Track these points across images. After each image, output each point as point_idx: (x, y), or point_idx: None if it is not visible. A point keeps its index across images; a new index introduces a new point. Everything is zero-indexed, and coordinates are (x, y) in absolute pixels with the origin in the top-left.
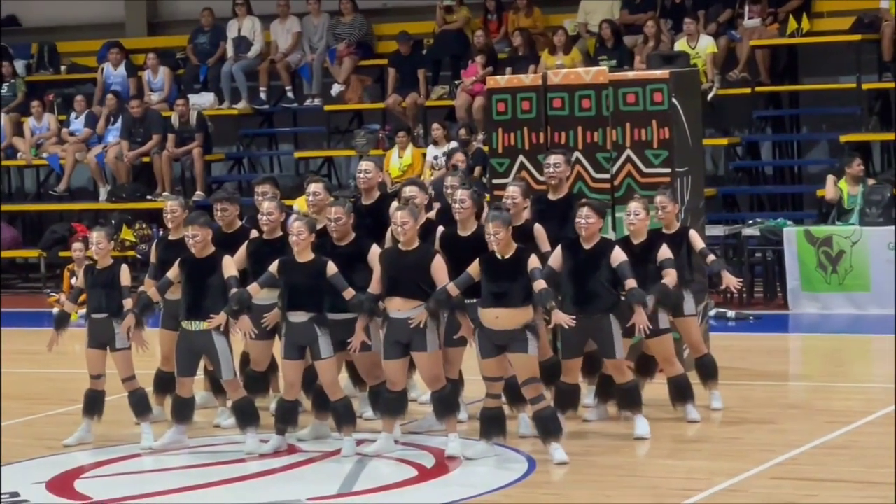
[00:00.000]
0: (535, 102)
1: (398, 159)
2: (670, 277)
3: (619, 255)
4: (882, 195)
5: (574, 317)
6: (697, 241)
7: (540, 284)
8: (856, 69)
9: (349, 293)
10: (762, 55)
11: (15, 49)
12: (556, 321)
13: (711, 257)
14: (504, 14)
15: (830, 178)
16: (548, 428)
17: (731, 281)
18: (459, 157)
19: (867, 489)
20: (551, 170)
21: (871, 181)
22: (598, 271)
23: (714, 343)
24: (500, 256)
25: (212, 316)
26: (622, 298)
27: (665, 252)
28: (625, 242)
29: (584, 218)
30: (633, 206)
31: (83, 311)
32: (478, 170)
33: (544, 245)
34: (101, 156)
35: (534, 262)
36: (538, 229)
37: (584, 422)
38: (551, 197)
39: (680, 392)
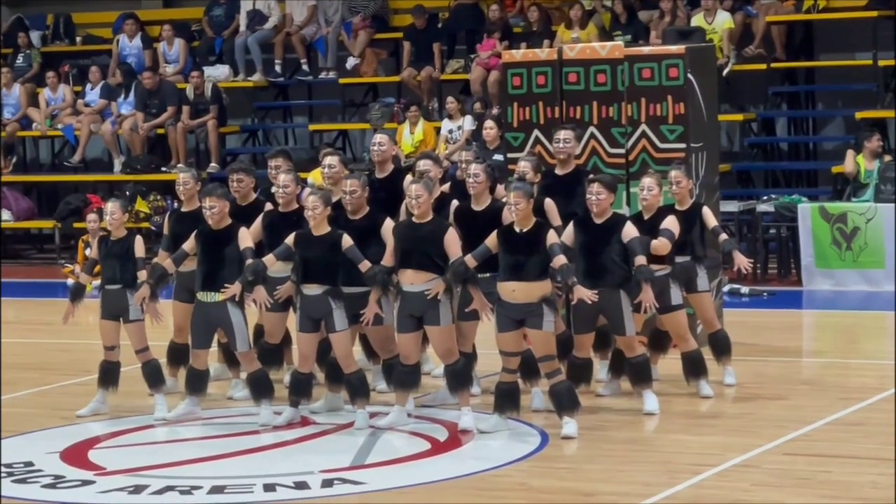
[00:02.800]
0: (550, 77)
1: (410, 135)
2: (657, 249)
3: (630, 231)
4: None
5: (596, 292)
6: (710, 219)
7: (560, 260)
8: (872, 45)
9: (365, 265)
10: (778, 31)
11: (30, 20)
12: (578, 296)
13: (724, 236)
14: None
15: (850, 153)
16: (562, 402)
17: (742, 261)
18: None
19: (880, 465)
20: (560, 145)
21: (886, 158)
22: (609, 246)
23: (728, 319)
24: (518, 229)
25: (226, 286)
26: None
27: (668, 223)
28: (637, 218)
29: (595, 194)
30: (647, 181)
31: (97, 282)
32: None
33: (555, 220)
34: (114, 122)
35: (552, 237)
36: (549, 204)
37: (597, 396)
38: (559, 172)
39: (693, 367)
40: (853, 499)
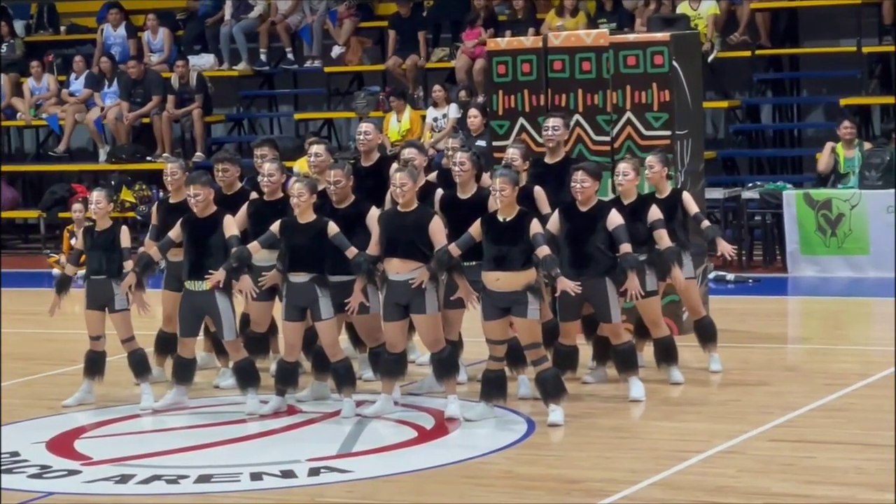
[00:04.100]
0: (535, 65)
1: (397, 123)
2: (662, 240)
3: (615, 219)
4: (882, 158)
5: (579, 283)
6: (691, 206)
7: (544, 251)
8: (856, 32)
9: (352, 252)
10: (763, 18)
11: (14, 9)
12: (561, 288)
13: (706, 223)
14: None
15: (828, 147)
16: (548, 389)
17: (725, 248)
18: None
19: (865, 451)
20: (549, 133)
21: (867, 145)
22: (595, 234)
23: (713, 306)
24: (501, 218)
25: (211, 272)
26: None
27: (655, 213)
28: (615, 203)
29: (580, 182)
30: (623, 166)
31: (82, 271)
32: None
33: (545, 208)
34: (99, 119)
35: (536, 226)
36: (538, 192)
37: (583, 384)
38: (548, 160)
39: (665, 354)
40: (838, 484)
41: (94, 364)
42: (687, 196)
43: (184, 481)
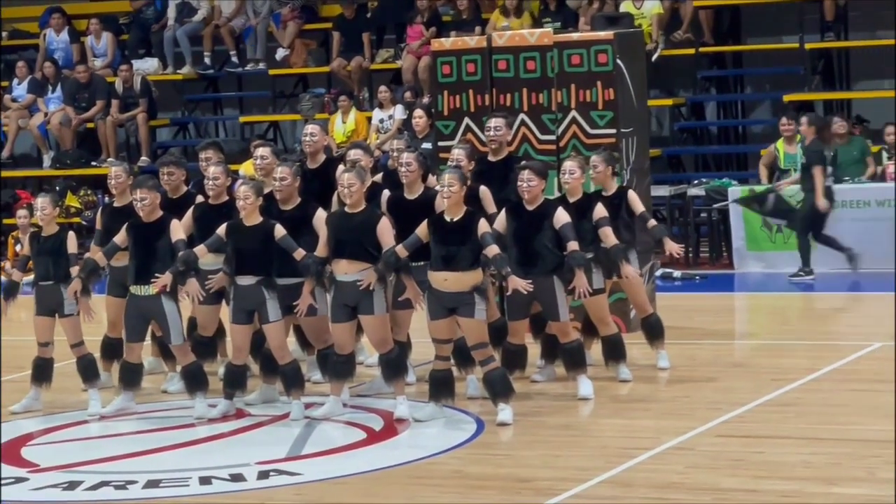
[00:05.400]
0: (480, 65)
1: (342, 124)
2: (608, 238)
3: (562, 217)
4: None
5: (530, 281)
6: (637, 204)
7: (493, 249)
8: (798, 29)
9: (299, 254)
10: (706, 15)
11: None
12: (512, 286)
13: (652, 222)
14: None
15: (771, 147)
16: (497, 389)
17: (673, 247)
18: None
19: (813, 445)
20: (492, 133)
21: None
22: (542, 233)
23: (660, 303)
24: (448, 218)
25: (157, 276)
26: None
27: (600, 211)
28: (561, 201)
29: (527, 181)
30: (569, 164)
31: (29, 277)
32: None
33: (490, 207)
34: (43, 125)
35: (484, 226)
36: (484, 191)
37: (531, 382)
38: (491, 158)
39: (613, 351)
40: (786, 479)
41: (42, 371)
42: (632, 195)
43: (132, 487)
